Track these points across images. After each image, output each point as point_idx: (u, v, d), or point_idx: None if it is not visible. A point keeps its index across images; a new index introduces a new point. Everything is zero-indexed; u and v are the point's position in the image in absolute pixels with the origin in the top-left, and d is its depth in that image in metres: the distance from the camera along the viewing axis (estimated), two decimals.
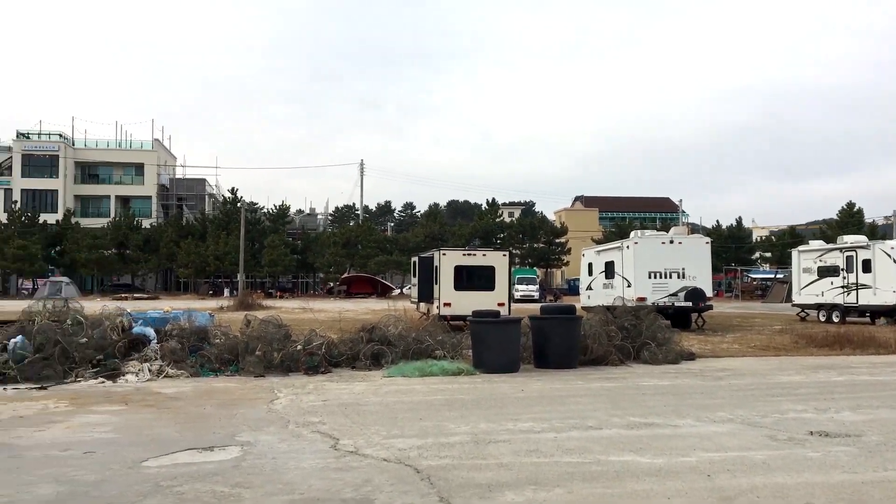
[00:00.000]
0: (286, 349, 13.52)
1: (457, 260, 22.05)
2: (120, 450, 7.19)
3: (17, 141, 74.61)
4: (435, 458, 6.78)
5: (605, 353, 14.43)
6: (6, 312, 26.68)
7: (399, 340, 14.54)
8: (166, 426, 8.42)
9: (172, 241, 62.72)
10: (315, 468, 6.44)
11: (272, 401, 10.16)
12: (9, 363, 12.03)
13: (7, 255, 58.96)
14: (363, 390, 11.17)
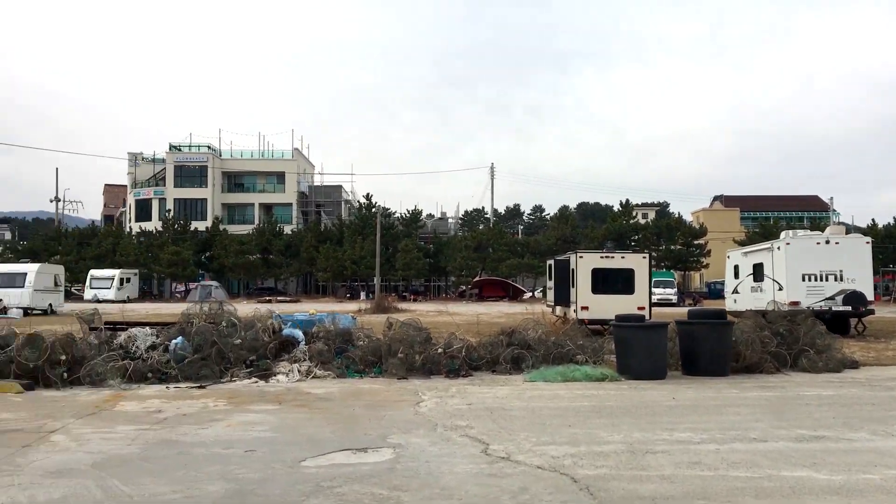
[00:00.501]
0: (427, 352, 13.59)
1: (594, 262, 21.57)
2: (279, 449, 7.38)
3: (170, 153, 79.61)
4: (591, 468, 6.55)
5: (759, 360, 13.64)
6: (164, 314, 28.44)
7: (539, 344, 14.33)
8: (319, 426, 8.59)
9: (312, 247, 65.01)
10: (469, 473, 6.36)
11: (418, 403, 10.21)
12: (170, 363, 12.71)
13: (162, 261, 62.95)
14: (506, 394, 11.04)
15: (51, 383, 11.64)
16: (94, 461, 6.82)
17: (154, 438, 7.86)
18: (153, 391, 11.40)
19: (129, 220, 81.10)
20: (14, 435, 8.03)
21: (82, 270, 58.74)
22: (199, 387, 11.80)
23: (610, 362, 13.72)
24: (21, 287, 36.21)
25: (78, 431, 8.21)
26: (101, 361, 12.21)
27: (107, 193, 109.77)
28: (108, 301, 49.12)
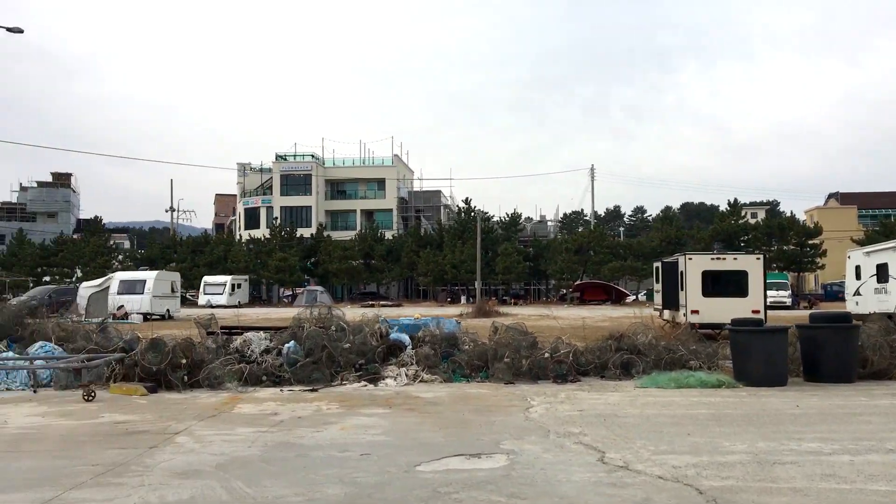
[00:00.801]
0: (533, 356, 13.44)
1: (704, 264, 20.86)
2: (393, 453, 7.41)
3: (276, 163, 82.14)
4: (716, 479, 6.27)
5: (889, 366, 12.84)
6: (273, 319, 29.29)
7: (649, 350, 13.95)
8: (431, 431, 8.60)
9: (412, 251, 65.75)
10: (587, 482, 6.20)
11: (527, 409, 10.08)
12: (283, 366, 13.03)
13: (270, 267, 64.99)
14: (618, 401, 10.77)
15: (172, 386, 12.12)
16: (218, 462, 7.03)
17: (272, 441, 8.05)
18: (268, 394, 11.70)
19: (239, 228, 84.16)
20: (141, 436, 8.38)
21: (196, 277, 61.29)
22: (312, 390, 12.04)
23: (725, 368, 13.22)
24: (141, 294, 38.08)
25: (200, 433, 8.50)
26: (219, 365, 12.64)
27: (218, 203, 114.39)
28: (220, 306, 51.03)
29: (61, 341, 14.29)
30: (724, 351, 14.13)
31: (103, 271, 55.24)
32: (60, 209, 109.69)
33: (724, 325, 14.14)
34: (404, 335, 14.70)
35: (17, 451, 7.71)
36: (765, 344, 12.15)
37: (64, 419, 9.61)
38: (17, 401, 11.27)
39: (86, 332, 14.86)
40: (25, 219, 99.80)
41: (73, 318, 17.90)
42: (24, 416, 9.92)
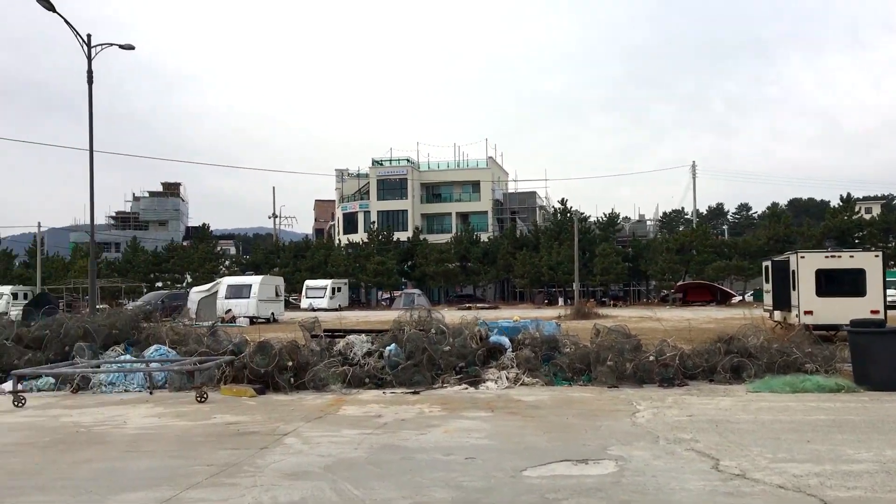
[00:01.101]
0: (637, 359, 13.10)
1: (818, 263, 19.88)
2: (497, 457, 7.34)
3: (373, 168, 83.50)
4: (842, 489, 5.91)
5: None
6: (373, 322, 29.73)
7: (761, 352, 13.37)
8: (535, 435, 8.47)
9: (508, 253, 65.55)
10: (702, 491, 5.95)
11: (633, 413, 9.82)
12: (385, 369, 13.16)
13: (368, 271, 66.11)
14: (729, 406, 10.35)
15: (279, 387, 12.42)
16: (326, 464, 7.12)
17: (377, 443, 8.10)
18: (371, 396, 11.83)
19: (338, 233, 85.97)
20: (252, 437, 8.60)
21: (298, 281, 62.94)
22: (413, 392, 12.10)
23: (844, 372, 12.54)
24: (247, 298, 39.36)
25: (308, 434, 8.65)
26: (324, 367, 12.87)
27: (317, 208, 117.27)
28: (321, 309, 52.19)
29: (174, 344, 14.87)
30: (843, 353, 13.41)
31: (211, 277, 57.44)
32: (171, 217, 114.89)
33: (841, 326, 13.44)
34: (504, 338, 14.61)
35: (137, 451, 8.04)
36: (888, 346, 11.45)
37: (179, 420, 9.98)
38: (135, 402, 11.79)
39: (197, 335, 15.43)
40: (138, 227, 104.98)
41: (184, 322, 18.63)
42: (142, 416, 10.35)
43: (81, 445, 8.33)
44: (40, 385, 13.38)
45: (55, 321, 15.23)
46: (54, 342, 14.45)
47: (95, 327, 14.97)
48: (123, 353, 14.58)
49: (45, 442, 8.54)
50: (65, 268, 68.29)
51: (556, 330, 15.96)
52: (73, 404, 11.67)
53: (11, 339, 14.50)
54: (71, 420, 10.10)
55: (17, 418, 10.40)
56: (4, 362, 13.82)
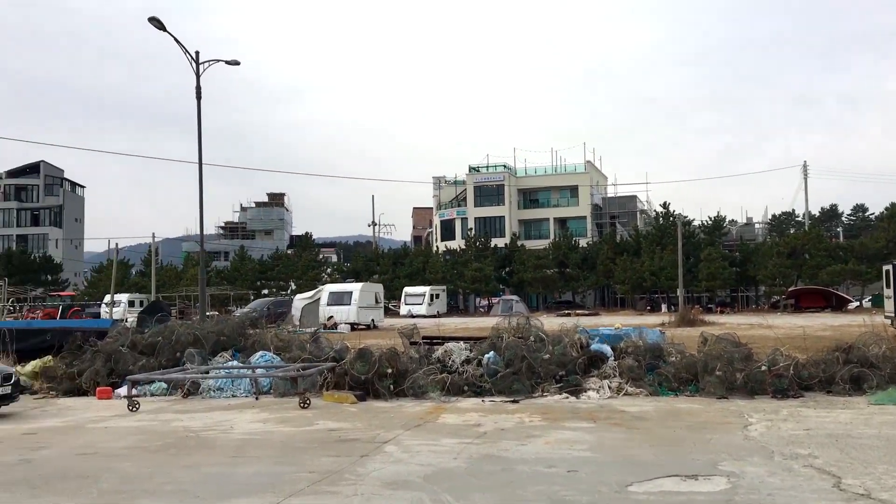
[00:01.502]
0: (748, 369, 12.52)
1: None
2: (601, 470, 7.10)
3: (470, 174, 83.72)
4: None
5: None
6: (471, 328, 29.70)
7: (883, 362, 12.54)
8: (640, 448, 8.17)
9: (608, 259, 64.35)
10: None
11: (745, 426, 9.35)
12: (484, 377, 13.05)
13: (466, 277, 66.26)
14: (850, 419, 9.72)
15: (379, 394, 12.50)
16: (425, 474, 7.06)
17: (477, 453, 7.99)
18: (470, 404, 11.74)
19: (436, 240, 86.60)
20: (353, 444, 8.64)
21: (397, 288, 63.73)
22: (513, 401, 11.94)
23: None
24: (348, 305, 40.10)
25: (408, 443, 8.63)
26: (422, 375, 12.88)
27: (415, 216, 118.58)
28: (420, 316, 52.62)
29: (279, 351, 15.22)
30: None
31: (314, 284, 58.84)
32: (276, 227, 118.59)
33: None
34: (605, 346, 14.25)
35: (243, 456, 8.21)
36: None
37: (283, 426, 10.16)
38: (242, 407, 12.10)
39: (300, 341, 15.76)
40: (246, 236, 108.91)
41: (288, 329, 19.08)
42: (248, 421, 10.60)
43: (190, 450, 8.57)
44: (153, 390, 13.93)
45: (167, 328, 15.85)
46: (166, 348, 15.03)
47: (205, 334, 15.49)
48: (231, 360, 15.03)
49: (156, 446, 8.84)
50: (177, 276, 71.45)
51: (661, 338, 15.46)
52: (183, 409, 12.09)
53: (127, 345, 15.17)
54: (181, 425, 10.44)
55: (131, 422, 10.83)
56: (120, 368, 14.47)
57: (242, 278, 71.62)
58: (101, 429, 10.32)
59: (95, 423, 10.80)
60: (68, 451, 8.68)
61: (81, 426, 10.61)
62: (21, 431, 10.21)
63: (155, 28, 22.21)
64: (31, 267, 74.39)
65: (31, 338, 16.78)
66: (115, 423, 10.74)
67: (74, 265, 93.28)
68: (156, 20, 22.07)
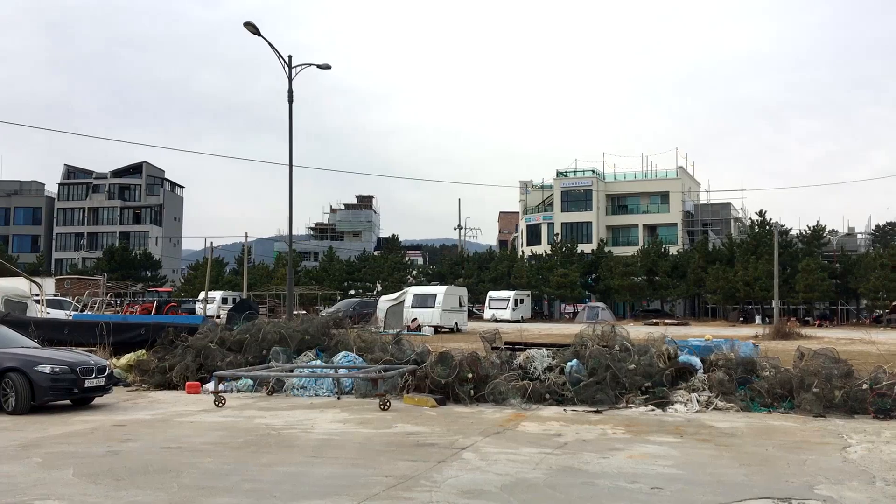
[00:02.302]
0: (848, 387, 11.82)
1: None
2: (688, 489, 6.77)
3: (557, 179, 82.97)
4: None
5: None
6: (555, 335, 29.31)
7: None
8: (730, 466, 7.78)
9: (699, 267, 62.53)
10: None
11: (844, 448, 8.80)
12: (566, 385, 12.76)
13: (551, 283, 65.64)
14: None
15: (459, 399, 12.39)
16: (503, 483, 6.90)
17: (557, 464, 7.77)
18: (551, 413, 11.49)
19: (521, 245, 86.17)
20: (430, 449, 8.54)
21: (481, 292, 63.69)
22: (596, 411, 11.62)
23: None
24: (432, 307, 40.25)
25: (486, 450, 8.47)
26: (503, 381, 12.69)
27: (501, 220, 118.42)
28: (504, 320, 52.41)
29: (361, 351, 15.31)
30: None
31: (399, 286, 59.38)
32: (364, 228, 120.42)
33: None
34: (694, 357, 13.73)
35: (321, 456, 8.22)
36: None
37: (362, 427, 10.16)
38: (323, 406, 12.20)
39: (383, 343, 15.81)
40: (335, 238, 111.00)
41: (371, 330, 19.20)
42: (328, 421, 10.66)
43: (270, 448, 8.65)
44: (239, 386, 14.23)
45: (254, 326, 16.17)
46: (253, 346, 15.34)
47: (290, 333, 15.73)
48: (315, 359, 15.21)
49: (237, 443, 8.97)
50: (268, 275, 73.41)
51: (754, 351, 14.81)
52: (267, 406, 12.28)
53: (216, 341, 15.54)
54: (264, 422, 10.58)
55: (216, 418, 11.05)
56: (209, 363, 14.84)
57: (330, 278, 72.97)
58: (187, 423, 10.57)
59: (182, 418, 11.07)
60: (154, 444, 8.89)
61: (169, 420, 10.89)
62: (112, 423, 10.55)
63: (250, 33, 22.78)
64: (132, 263, 77.79)
65: (126, 332, 17.41)
66: (201, 418, 10.98)
67: (172, 262, 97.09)
68: (251, 25, 22.63)
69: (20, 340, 13.07)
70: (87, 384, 11.83)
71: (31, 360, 11.61)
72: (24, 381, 11.27)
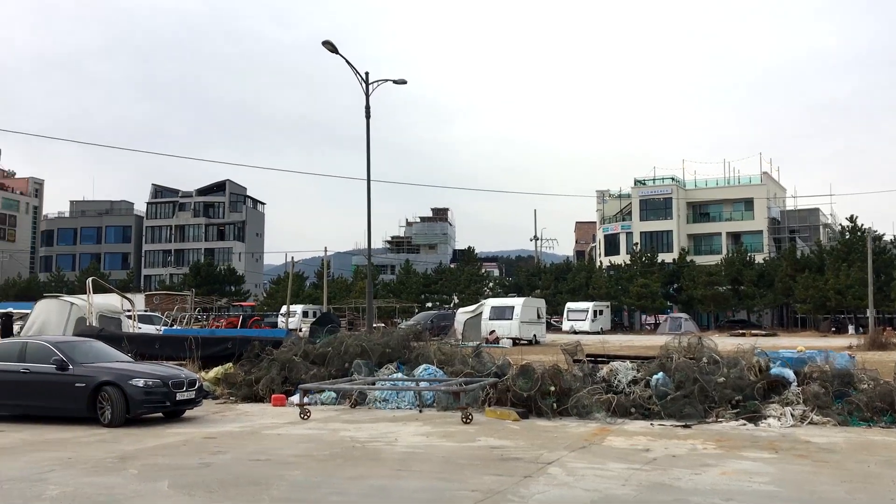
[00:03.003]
0: None
1: None
2: None
3: (635, 188, 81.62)
4: None
5: None
6: (636, 347, 28.74)
7: None
8: (830, 484, 7.42)
9: (787, 276, 60.33)
10: None
11: None
12: (652, 398, 12.45)
13: (631, 293, 64.44)
14: None
15: (542, 412, 12.23)
16: (591, 500, 6.75)
17: (647, 480, 7.56)
18: (638, 427, 11.23)
19: (599, 255, 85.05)
20: (515, 464, 8.45)
21: (559, 303, 63.05)
22: (684, 426, 11.30)
23: None
24: (510, 319, 40.00)
25: (572, 465, 8.32)
26: (587, 394, 12.48)
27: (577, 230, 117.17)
28: (583, 332, 51.72)
29: (441, 364, 15.32)
30: None
31: (476, 298, 59.33)
32: (439, 241, 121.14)
33: None
34: (787, 370, 13.22)
35: (406, 469, 8.22)
36: None
37: (445, 440, 10.14)
38: (405, 419, 12.24)
39: (462, 356, 15.79)
40: (411, 251, 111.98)
41: (451, 343, 19.22)
42: (411, 434, 10.68)
43: (356, 461, 8.71)
44: (323, 398, 14.42)
45: (336, 339, 16.39)
46: (335, 359, 15.53)
47: (371, 346, 15.87)
48: (396, 372, 15.29)
49: (324, 455, 9.06)
50: (347, 288, 74.47)
51: (850, 363, 14.18)
52: (350, 419, 12.39)
53: (300, 355, 15.81)
54: (348, 435, 10.68)
55: (302, 430, 11.21)
56: (294, 376, 15.09)
57: (407, 291, 73.52)
58: (275, 435, 10.75)
59: (269, 430, 11.27)
60: (243, 456, 9.07)
61: (257, 432, 11.11)
62: (202, 435, 10.82)
63: (328, 51, 23.23)
64: (216, 278, 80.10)
65: (214, 346, 17.89)
66: (288, 431, 11.16)
67: (255, 277, 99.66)
68: (329, 44, 23.09)
69: (115, 355, 13.57)
70: (179, 397, 12.19)
71: (125, 373, 12.03)
72: (119, 394, 11.68)
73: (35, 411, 12.43)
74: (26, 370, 12.31)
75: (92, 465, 8.55)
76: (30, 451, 9.58)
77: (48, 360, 12.22)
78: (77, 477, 7.91)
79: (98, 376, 11.91)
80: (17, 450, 9.75)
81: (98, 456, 9.16)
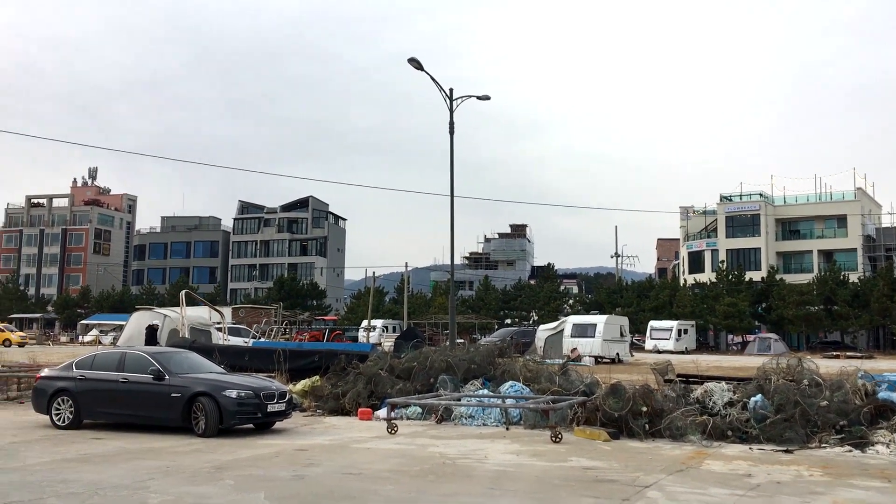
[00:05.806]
0: None
1: None
2: None
3: (721, 204, 79.44)
4: None
5: None
6: (725, 367, 27.80)
7: None
8: None
9: (884, 296, 57.56)
10: None
11: None
12: (750, 422, 11.96)
13: (718, 312, 62.56)
14: None
15: (633, 433, 11.90)
16: None
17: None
18: (736, 451, 10.79)
19: (683, 272, 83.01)
20: (611, 486, 8.20)
21: (641, 321, 61.76)
22: (785, 451, 10.80)
23: None
24: (592, 337, 39.37)
25: (672, 489, 8.02)
26: (680, 415, 12.09)
27: (659, 247, 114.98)
28: (667, 351, 50.47)
29: (527, 381, 15.12)
30: None
31: (556, 315, 58.78)
32: (518, 257, 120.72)
33: None
34: (895, 394, 12.51)
35: (499, 488, 8.09)
36: None
37: (536, 459, 9.95)
38: (493, 436, 12.09)
39: (549, 373, 15.56)
40: (489, 267, 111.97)
41: (535, 360, 18.98)
42: (500, 452, 10.53)
43: (448, 477, 8.62)
44: (409, 413, 14.41)
45: (421, 354, 16.38)
46: (421, 374, 15.53)
47: (457, 361, 15.81)
48: (481, 388, 15.17)
49: (415, 471, 9.00)
50: (426, 304, 74.84)
51: None
52: (437, 434, 12.33)
53: (385, 369, 15.87)
54: (437, 451, 10.61)
55: (391, 445, 11.20)
56: (379, 390, 15.15)
57: (486, 307, 73.38)
58: (364, 449, 10.77)
59: (358, 444, 11.31)
60: (335, 469, 9.10)
61: (346, 446, 11.15)
62: (294, 447, 10.93)
63: (413, 68, 23.46)
64: (299, 293, 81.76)
65: (301, 359, 18.16)
66: (376, 445, 11.17)
67: (336, 291, 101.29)
68: (415, 61, 23.33)
69: (208, 366, 13.88)
70: (270, 409, 12.37)
71: (219, 385, 12.29)
72: (213, 404, 11.93)
73: (131, 420, 12.80)
74: (125, 380, 12.70)
75: (190, 475, 8.72)
76: (129, 460, 9.84)
77: (146, 370, 12.59)
78: (176, 486, 8.07)
79: (193, 387, 12.20)
80: (117, 458, 10.04)
81: (195, 465, 9.35)
